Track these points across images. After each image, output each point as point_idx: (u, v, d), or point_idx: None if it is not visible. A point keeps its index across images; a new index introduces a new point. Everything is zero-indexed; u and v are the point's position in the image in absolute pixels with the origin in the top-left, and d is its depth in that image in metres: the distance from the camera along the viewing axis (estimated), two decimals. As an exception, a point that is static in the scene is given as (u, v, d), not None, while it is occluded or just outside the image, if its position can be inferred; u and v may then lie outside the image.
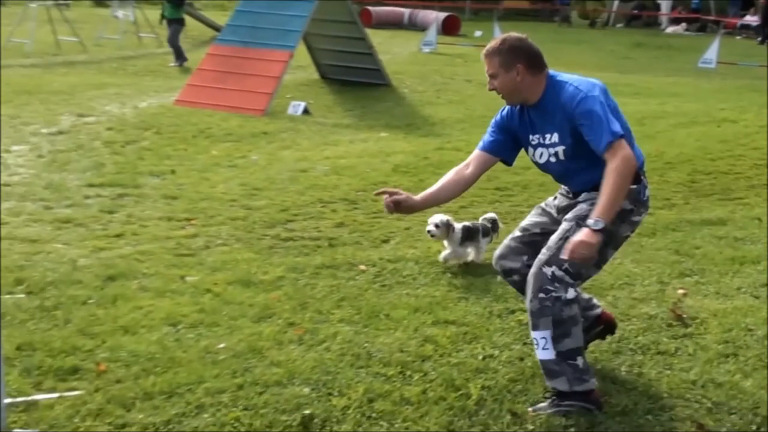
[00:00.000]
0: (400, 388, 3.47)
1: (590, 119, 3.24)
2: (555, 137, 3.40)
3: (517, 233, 3.70)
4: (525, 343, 3.96)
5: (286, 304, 4.42)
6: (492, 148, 3.59)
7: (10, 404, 3.12)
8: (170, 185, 7.05)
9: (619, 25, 33.61)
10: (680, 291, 4.73)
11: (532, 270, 3.35)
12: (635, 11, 33.63)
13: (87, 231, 5.70)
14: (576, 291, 3.33)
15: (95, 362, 3.62)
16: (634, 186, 3.36)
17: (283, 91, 11.76)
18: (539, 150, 3.47)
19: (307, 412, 3.25)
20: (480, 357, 3.83)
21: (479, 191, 7.20)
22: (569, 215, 3.41)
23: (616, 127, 3.22)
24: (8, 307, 4.11)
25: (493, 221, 5.46)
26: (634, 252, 5.50)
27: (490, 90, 3.45)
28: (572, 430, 3.22)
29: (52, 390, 3.36)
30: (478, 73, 16.38)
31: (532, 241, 3.59)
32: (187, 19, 20.60)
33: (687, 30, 30.29)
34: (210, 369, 3.60)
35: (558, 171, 3.53)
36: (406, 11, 28.12)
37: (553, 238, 3.36)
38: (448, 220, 5.15)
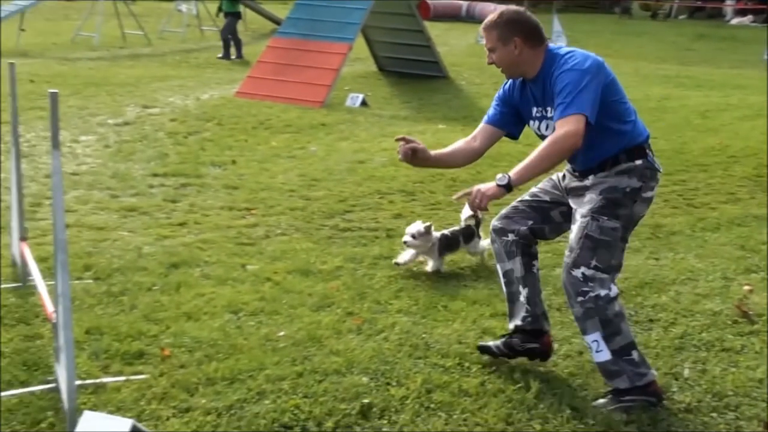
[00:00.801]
0: (459, 380, 3.48)
1: (563, 89, 3.18)
2: (549, 111, 3.36)
3: (526, 197, 3.65)
4: (585, 338, 3.92)
5: (345, 294, 4.46)
6: (496, 121, 3.55)
7: (80, 386, 3.22)
8: (231, 175, 7.16)
9: (681, 17, 32.84)
10: (746, 287, 4.62)
11: (563, 277, 3.33)
12: (699, 2, 32.80)
13: (151, 219, 5.83)
14: (616, 287, 3.29)
15: (160, 347, 3.71)
16: (639, 162, 3.31)
17: (341, 83, 11.83)
18: (544, 122, 3.42)
19: (365, 401, 3.27)
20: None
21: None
22: (584, 209, 3.33)
23: (582, 105, 3.14)
24: (77, 292, 4.23)
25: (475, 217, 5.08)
26: (697, 247, 5.39)
27: (489, 64, 3.44)
28: (633, 426, 3.18)
29: (119, 373, 3.45)
30: (538, 65, 16.21)
31: (541, 208, 3.56)
32: (248, 12, 20.91)
33: (753, 21, 29.42)
34: (270, 356, 3.66)
35: None
36: (464, 3, 27.96)
37: (573, 238, 3.32)
38: (427, 228, 4.81)
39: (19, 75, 12.00)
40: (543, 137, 3.40)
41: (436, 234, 4.88)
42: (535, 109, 3.43)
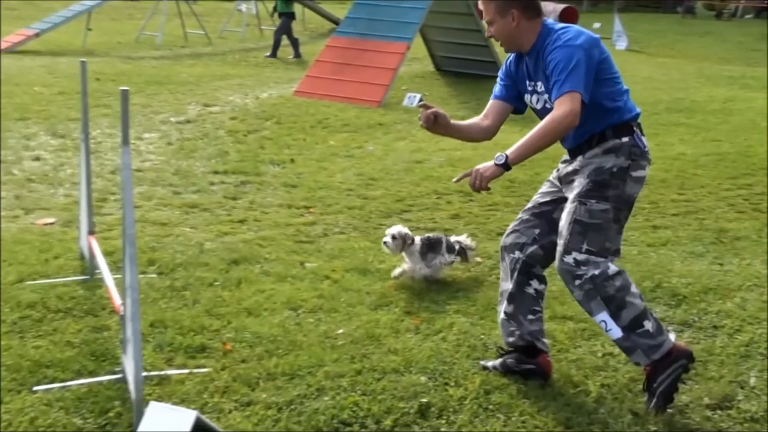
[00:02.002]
0: (517, 382, 3.46)
1: (555, 69, 3.16)
2: (541, 85, 3.35)
3: (528, 205, 3.62)
4: (646, 343, 3.86)
5: (403, 294, 4.47)
6: (502, 95, 3.53)
7: (146, 377, 3.30)
8: (290, 174, 7.24)
9: (747, 16, 32.02)
10: (815, 295, 4.49)
11: (556, 265, 3.30)
12: (765, 2, 31.91)
13: (212, 216, 5.93)
14: (615, 266, 3.23)
15: (222, 342, 3.78)
16: (625, 139, 3.28)
17: (398, 83, 11.85)
18: (534, 96, 3.41)
19: (424, 400, 3.28)
20: (599, 354, 3.76)
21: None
22: (572, 195, 3.32)
23: (576, 83, 3.12)
24: (142, 286, 4.33)
25: (461, 246, 4.84)
26: (763, 253, 5.26)
27: (488, 37, 3.47)
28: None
29: (183, 366, 3.52)
30: (597, 66, 15.99)
31: (542, 212, 3.52)
32: (307, 11, 21.10)
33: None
34: (329, 353, 3.69)
35: None
36: (523, 2, 27.71)
37: (563, 225, 3.30)
38: (406, 233, 4.67)
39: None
40: (536, 111, 3.44)
41: (417, 240, 4.68)
42: (527, 83, 3.43)
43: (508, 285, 3.55)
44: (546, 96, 3.32)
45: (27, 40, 14.88)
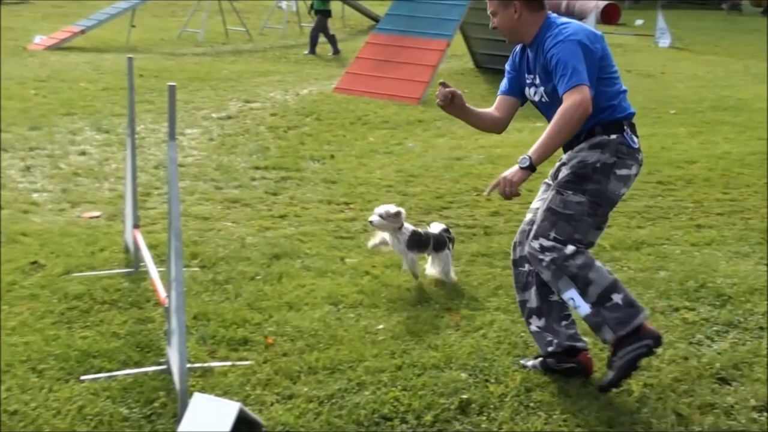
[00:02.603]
0: (558, 380, 3.44)
1: (558, 64, 3.20)
2: (538, 78, 3.39)
3: (528, 214, 3.61)
4: (690, 343, 3.82)
5: (442, 290, 4.47)
6: (508, 90, 3.59)
7: (190, 369, 3.35)
8: (330, 170, 7.28)
9: (796, 12, 31.29)
10: None
11: (526, 250, 3.37)
12: (816, -3, 31.21)
13: (253, 211, 5.99)
14: (575, 248, 3.26)
15: (263, 335, 3.81)
16: (614, 137, 3.30)
17: (438, 80, 11.76)
18: (533, 89, 3.45)
19: (464, 396, 3.29)
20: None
21: (640, 185, 6.97)
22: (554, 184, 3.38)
23: (581, 76, 3.16)
24: (185, 279, 4.37)
25: (446, 231, 4.73)
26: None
27: (492, 29, 3.49)
28: (742, 436, 3.08)
29: (225, 359, 3.57)
30: (639, 64, 15.78)
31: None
32: (346, 8, 21.16)
33: None
34: (370, 348, 3.71)
35: (547, 113, 3.43)
36: (564, 0, 27.46)
37: (539, 211, 3.38)
38: (398, 212, 4.47)
39: (130, 69, 12.28)
40: (534, 103, 3.50)
41: (409, 227, 4.53)
42: (527, 76, 3.47)
43: (525, 297, 3.55)
44: (542, 89, 3.38)
45: (73, 36, 15.15)
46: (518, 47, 3.53)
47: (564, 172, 3.34)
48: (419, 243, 4.52)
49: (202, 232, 5.39)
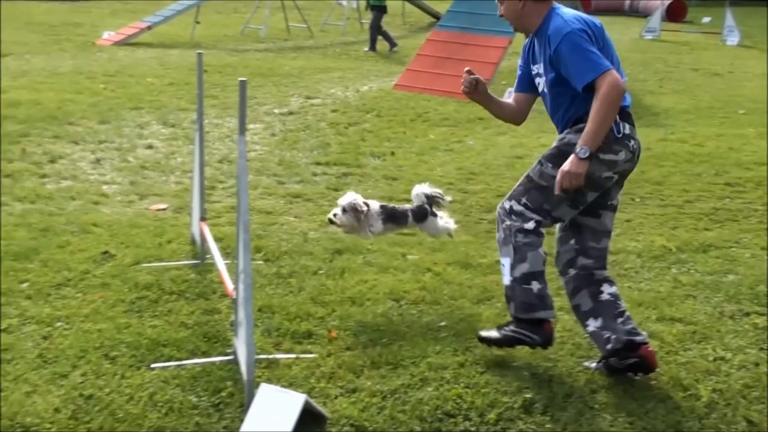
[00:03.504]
0: (624, 382, 3.40)
1: (574, 56, 3.29)
2: (541, 68, 3.49)
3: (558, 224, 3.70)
4: (761, 348, 3.73)
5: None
6: (519, 87, 3.72)
7: (256, 360, 3.40)
8: (390, 166, 7.30)
9: None
10: None
11: (498, 207, 3.58)
12: None
13: (315, 206, 6.05)
14: (536, 223, 3.46)
15: (327, 329, 3.86)
16: None
17: (498, 78, 11.75)
18: (537, 80, 3.57)
19: (528, 396, 3.27)
20: (710, 358, 3.65)
21: (707, 185, 6.83)
22: None
23: (602, 62, 3.26)
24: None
25: (427, 197, 4.50)
26: None
27: (500, 16, 3.60)
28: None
29: (290, 351, 3.62)
30: (706, 62, 15.43)
31: (570, 222, 3.60)
32: (407, 5, 21.16)
33: None
34: (432, 345, 3.72)
35: (548, 104, 3.56)
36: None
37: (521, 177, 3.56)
38: (356, 203, 4.19)
39: (193, 65, 12.59)
40: (541, 96, 3.59)
41: (376, 206, 4.31)
42: (532, 66, 3.58)
43: (578, 302, 3.57)
44: (544, 79, 3.49)
45: (140, 32, 15.49)
46: (528, 40, 3.63)
47: (552, 146, 3.52)
48: (394, 217, 4.37)
49: (266, 226, 5.47)
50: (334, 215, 4.22)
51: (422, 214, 4.48)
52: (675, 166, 7.38)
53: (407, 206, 4.53)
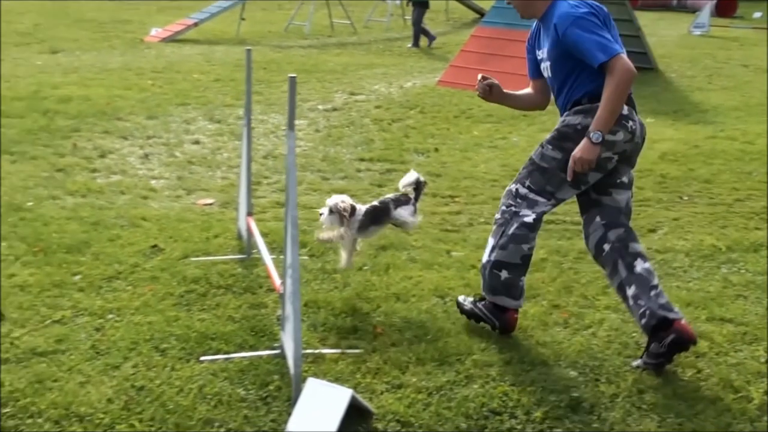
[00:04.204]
0: (672, 383, 3.36)
1: (583, 42, 3.38)
2: (545, 53, 3.60)
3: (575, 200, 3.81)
4: (815, 352, 3.66)
5: (550, 286, 4.43)
6: (531, 73, 3.82)
7: (302, 355, 3.43)
8: (434, 163, 7.29)
9: None
10: None
11: (505, 189, 3.75)
12: None
13: (359, 202, 6.04)
14: (536, 216, 3.59)
15: (372, 325, 3.87)
16: (599, 103, 3.42)
17: (544, 74, 11.65)
18: (542, 64, 3.66)
19: (575, 394, 3.25)
20: (762, 360, 3.59)
21: (758, 184, 6.69)
22: None
23: (612, 46, 3.35)
24: (296, 267, 4.50)
25: (417, 183, 4.34)
26: None
27: (508, 3, 3.72)
28: None
29: (336, 346, 3.64)
30: (757, 58, 15.10)
31: (587, 201, 3.69)
32: (451, 2, 21.09)
33: None
34: (477, 342, 3.71)
35: (553, 87, 3.67)
36: (676, -8, 26.60)
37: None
38: (345, 207, 4.08)
39: (238, 61, 12.81)
40: (547, 80, 3.69)
41: (361, 209, 4.14)
42: (537, 52, 3.67)
43: (619, 278, 3.58)
44: (548, 63, 3.59)
45: (186, 29, 15.69)
46: (534, 27, 3.72)
47: (553, 130, 3.64)
48: (377, 217, 4.19)
49: (310, 222, 5.49)
50: (321, 214, 4.15)
51: (404, 201, 4.30)
52: (724, 164, 7.25)
53: (388, 196, 4.36)
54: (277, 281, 3.64)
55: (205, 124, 8.45)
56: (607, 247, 3.59)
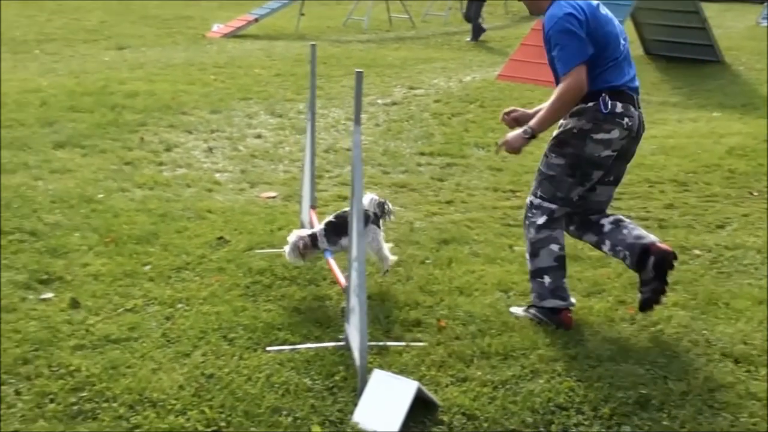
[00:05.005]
0: (745, 382, 3.29)
1: (557, 45, 3.58)
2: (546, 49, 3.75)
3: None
4: None
5: (616, 282, 4.37)
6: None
7: (367, 347, 3.46)
8: (495, 157, 7.22)
9: None
10: None
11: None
12: None
13: (420, 196, 6.08)
14: (550, 217, 3.75)
15: (435, 318, 3.88)
16: (590, 104, 3.62)
17: (606, 67, 11.46)
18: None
19: (643, 391, 3.21)
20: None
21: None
22: None
23: (571, 58, 3.54)
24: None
25: (381, 205, 4.23)
26: None
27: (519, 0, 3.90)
28: None
29: (400, 338, 3.66)
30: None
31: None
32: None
33: None
34: (542, 337, 3.69)
35: (556, 82, 3.74)
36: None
37: None
38: (302, 243, 4.08)
39: (298, 56, 12.88)
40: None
41: (319, 229, 4.15)
42: (545, 47, 3.76)
43: (592, 240, 3.94)
44: (548, 57, 3.74)
45: (247, 25, 15.87)
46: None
47: (552, 137, 3.81)
48: (338, 229, 4.11)
49: (372, 215, 5.52)
50: (284, 251, 4.16)
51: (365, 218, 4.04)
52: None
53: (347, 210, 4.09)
54: (340, 277, 3.67)
55: (267, 118, 8.55)
56: (574, 228, 3.97)
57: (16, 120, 7.64)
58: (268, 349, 3.50)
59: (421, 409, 3.04)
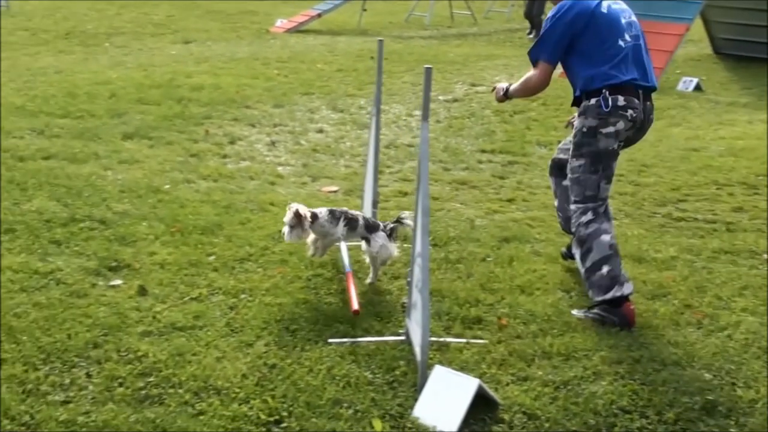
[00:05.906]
0: (817, 392, 3.19)
1: (544, 28, 3.90)
2: None
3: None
4: None
5: (681, 285, 4.28)
6: None
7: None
8: (557, 156, 7.16)
9: None
10: None
11: None
12: None
13: (481, 193, 6.05)
14: (593, 213, 3.85)
15: (496, 316, 3.86)
16: (593, 101, 3.79)
17: (672, 66, 11.23)
18: None
19: (710, 397, 3.14)
20: None
21: None
22: None
23: (540, 52, 3.93)
24: (419, 256, 4.53)
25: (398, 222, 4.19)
26: None
27: None
28: None
29: (460, 335, 3.65)
30: None
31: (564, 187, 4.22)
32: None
33: None
34: (605, 338, 3.64)
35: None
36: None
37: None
38: (301, 217, 3.96)
39: (360, 51, 12.92)
40: None
41: (324, 213, 4.05)
42: None
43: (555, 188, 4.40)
44: None
45: (310, 20, 16.00)
46: None
47: (571, 140, 4.01)
48: (348, 223, 4.09)
49: (433, 212, 5.52)
50: (282, 233, 4.04)
51: (373, 226, 4.16)
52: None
53: (358, 213, 4.25)
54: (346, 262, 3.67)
55: (329, 113, 8.61)
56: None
57: (87, 111, 7.85)
58: (330, 341, 3.53)
59: (481, 406, 3.03)
